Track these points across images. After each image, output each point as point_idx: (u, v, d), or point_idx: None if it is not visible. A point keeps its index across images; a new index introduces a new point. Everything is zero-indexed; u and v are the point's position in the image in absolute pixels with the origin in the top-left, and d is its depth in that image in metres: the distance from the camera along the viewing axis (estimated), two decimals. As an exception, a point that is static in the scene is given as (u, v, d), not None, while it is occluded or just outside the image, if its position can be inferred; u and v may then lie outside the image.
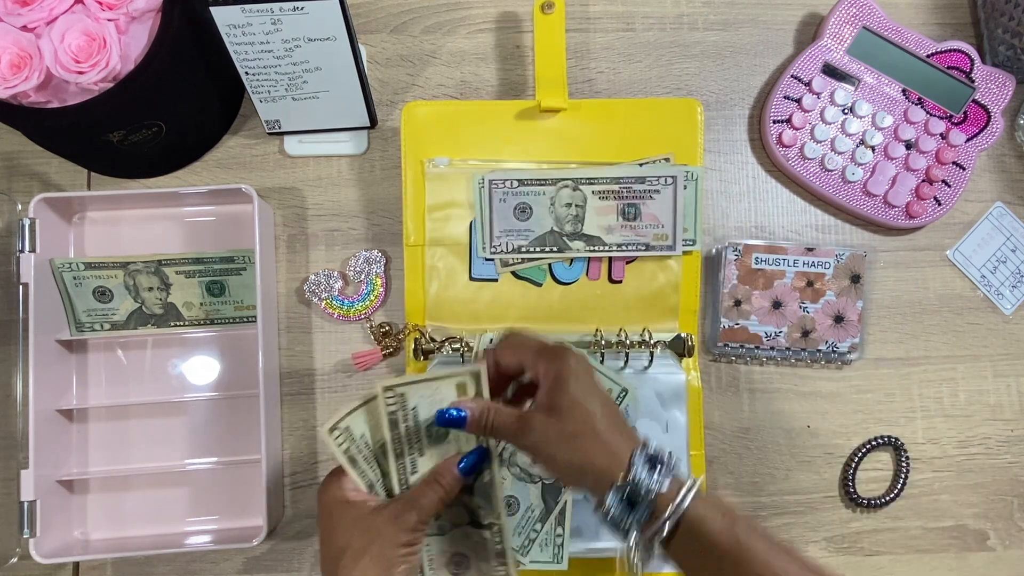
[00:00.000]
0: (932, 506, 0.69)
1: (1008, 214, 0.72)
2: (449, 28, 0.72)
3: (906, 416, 0.70)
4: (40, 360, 0.62)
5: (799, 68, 0.70)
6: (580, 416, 0.48)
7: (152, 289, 0.66)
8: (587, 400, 0.48)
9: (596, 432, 0.48)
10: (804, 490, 0.69)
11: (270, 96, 0.65)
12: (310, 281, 0.67)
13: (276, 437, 0.66)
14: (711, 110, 0.72)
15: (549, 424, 0.48)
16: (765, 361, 0.69)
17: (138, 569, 0.66)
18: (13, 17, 0.57)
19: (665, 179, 0.66)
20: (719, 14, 0.74)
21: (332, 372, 0.68)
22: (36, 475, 0.61)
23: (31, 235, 0.63)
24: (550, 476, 0.51)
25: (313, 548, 0.66)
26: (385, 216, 0.70)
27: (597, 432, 0.48)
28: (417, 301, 0.67)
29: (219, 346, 0.68)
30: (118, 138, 0.62)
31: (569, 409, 0.48)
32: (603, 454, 0.47)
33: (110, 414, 0.67)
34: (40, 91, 0.58)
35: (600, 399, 0.49)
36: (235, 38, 0.60)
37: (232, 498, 0.67)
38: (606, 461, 0.47)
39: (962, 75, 0.70)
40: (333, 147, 0.70)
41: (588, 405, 0.48)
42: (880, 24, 0.70)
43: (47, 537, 0.62)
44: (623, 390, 0.62)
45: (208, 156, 0.70)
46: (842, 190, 0.70)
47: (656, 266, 0.67)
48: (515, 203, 0.66)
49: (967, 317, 0.71)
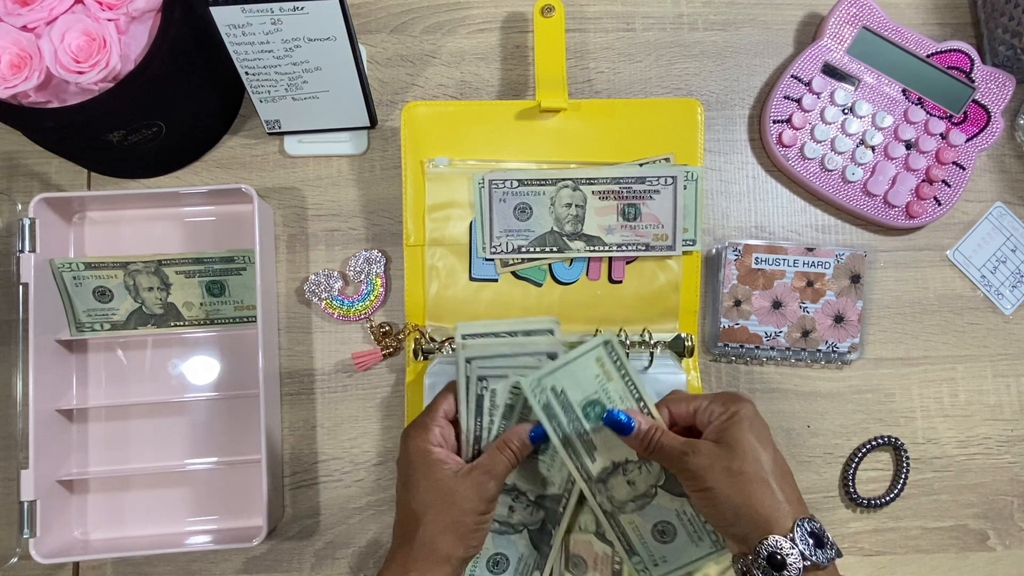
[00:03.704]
0: (932, 506, 0.69)
1: (1008, 214, 0.72)
2: (449, 28, 0.72)
3: (906, 416, 0.70)
4: (40, 360, 0.62)
5: (799, 68, 0.70)
6: (752, 457, 0.47)
7: (152, 289, 0.66)
8: (762, 445, 0.48)
9: (765, 479, 0.47)
10: (804, 490, 0.67)
11: (270, 96, 0.65)
12: (310, 281, 0.68)
13: (276, 437, 0.66)
14: (711, 110, 0.72)
15: (718, 455, 0.48)
16: (765, 361, 0.69)
17: (138, 569, 0.66)
18: (13, 17, 0.57)
19: (665, 179, 0.66)
20: (719, 14, 0.74)
21: (332, 372, 0.68)
22: (36, 475, 0.61)
23: (31, 235, 0.63)
24: (699, 509, 0.51)
25: (313, 548, 0.67)
26: (385, 216, 0.70)
27: (766, 479, 0.47)
28: (417, 301, 0.67)
29: (219, 346, 0.68)
30: (118, 138, 0.62)
31: (742, 448, 0.48)
32: (768, 503, 0.46)
33: (110, 414, 0.67)
34: (40, 91, 0.58)
35: (773, 450, 0.49)
36: (235, 38, 0.60)
37: (232, 498, 0.67)
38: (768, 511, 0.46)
39: (962, 75, 0.70)
40: (333, 147, 0.70)
41: (762, 450, 0.48)
42: (880, 24, 0.70)
43: (47, 537, 0.62)
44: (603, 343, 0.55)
45: (208, 156, 0.70)
46: (842, 190, 0.70)
47: (656, 266, 0.67)
48: (515, 203, 0.66)
49: (967, 317, 0.71)
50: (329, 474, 0.67)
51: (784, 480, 0.48)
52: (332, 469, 0.67)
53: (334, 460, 0.68)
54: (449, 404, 0.56)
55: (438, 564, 0.50)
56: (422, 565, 0.50)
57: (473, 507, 0.51)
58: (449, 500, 0.51)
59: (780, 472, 0.48)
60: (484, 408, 0.55)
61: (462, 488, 0.51)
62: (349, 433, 0.68)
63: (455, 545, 0.51)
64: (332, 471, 0.67)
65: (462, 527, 0.51)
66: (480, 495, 0.51)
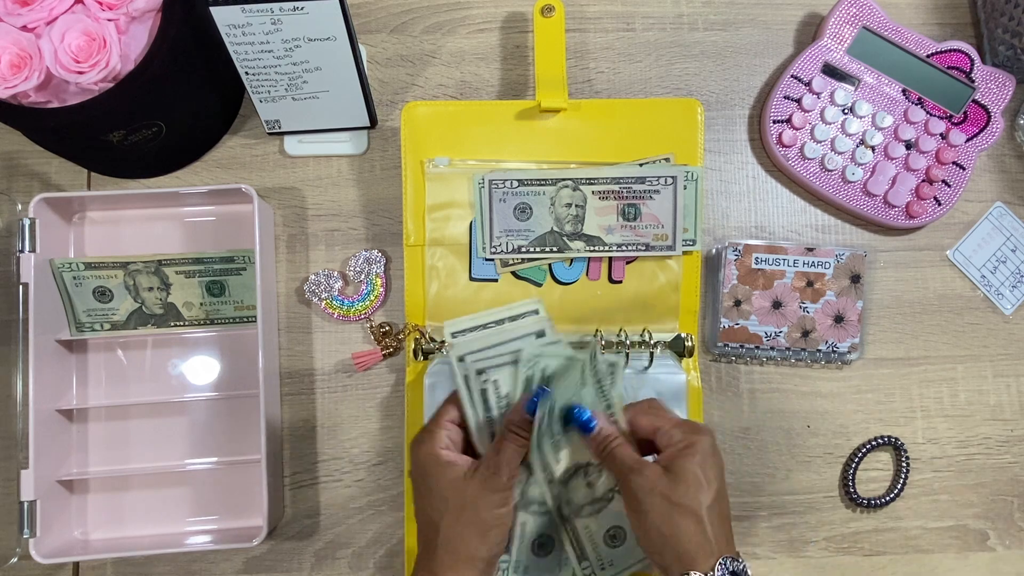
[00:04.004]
0: (932, 506, 0.69)
1: (1008, 214, 0.72)
2: (449, 28, 0.72)
3: (906, 416, 0.70)
4: (40, 360, 0.62)
5: (799, 68, 0.70)
6: (693, 492, 0.47)
7: (152, 289, 0.66)
8: (707, 481, 0.48)
9: (699, 515, 0.47)
10: (804, 490, 0.69)
11: (270, 96, 0.65)
12: (310, 281, 0.68)
13: (276, 437, 0.66)
14: (711, 110, 0.72)
15: (661, 481, 0.48)
16: (765, 361, 0.69)
17: (138, 569, 0.66)
18: (13, 17, 0.57)
19: (665, 179, 0.66)
20: (719, 14, 0.74)
21: (332, 372, 0.68)
22: (36, 475, 0.61)
23: (31, 235, 0.63)
24: (632, 528, 0.51)
25: (313, 548, 0.67)
26: (385, 216, 0.70)
27: (700, 516, 0.47)
28: (417, 301, 0.67)
29: (219, 346, 0.68)
30: (118, 138, 0.62)
31: (687, 480, 0.48)
32: (695, 539, 0.46)
33: (110, 414, 0.67)
34: (40, 91, 0.58)
35: (718, 488, 0.49)
36: (235, 38, 0.60)
37: (232, 498, 0.67)
38: (694, 547, 0.46)
39: (962, 75, 0.70)
40: (333, 147, 0.70)
41: (706, 486, 0.48)
42: (880, 24, 0.70)
43: (47, 537, 0.62)
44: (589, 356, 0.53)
45: (208, 156, 0.70)
46: (842, 190, 0.70)
47: (656, 266, 0.67)
48: (515, 203, 0.66)
49: (967, 317, 0.71)
50: (329, 474, 0.67)
51: (719, 519, 0.48)
52: (332, 469, 0.67)
53: (334, 460, 0.68)
54: (454, 410, 0.55)
55: (463, 566, 0.49)
56: (447, 570, 0.49)
57: (487, 502, 0.50)
58: (462, 499, 0.50)
59: (717, 511, 0.48)
60: (491, 401, 0.55)
61: (473, 485, 0.50)
62: (349, 433, 0.68)
63: (477, 544, 0.50)
64: (332, 471, 0.67)
65: (481, 525, 0.50)
66: (493, 487, 0.50)
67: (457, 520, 0.50)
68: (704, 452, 0.49)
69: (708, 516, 0.47)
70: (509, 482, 0.50)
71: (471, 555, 0.49)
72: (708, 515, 0.47)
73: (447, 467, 0.51)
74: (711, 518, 0.47)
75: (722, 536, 0.48)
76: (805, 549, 0.68)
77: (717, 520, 0.48)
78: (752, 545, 0.68)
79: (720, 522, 0.48)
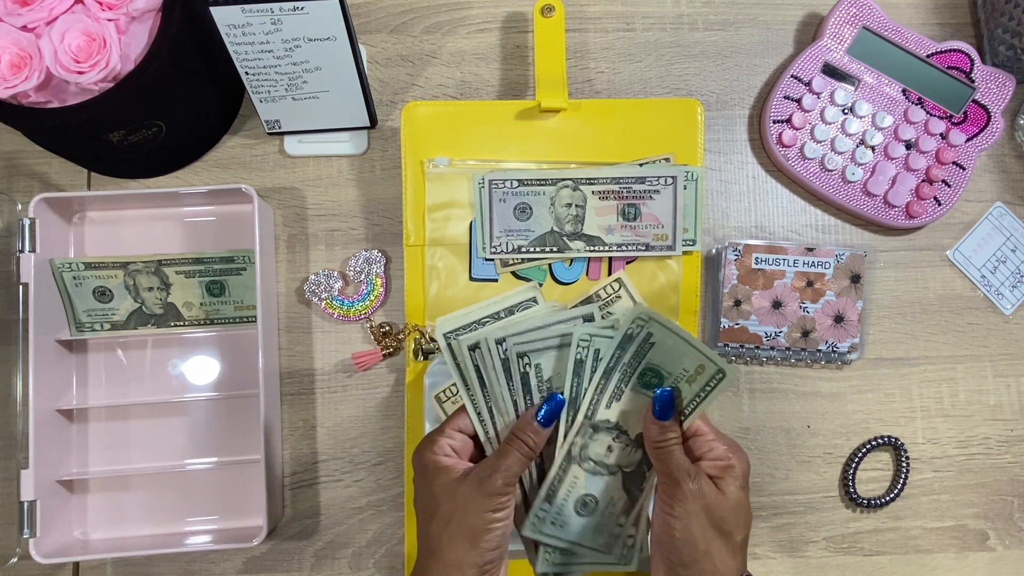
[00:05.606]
0: (932, 506, 0.69)
1: (1008, 214, 0.72)
2: (449, 28, 0.72)
3: (906, 416, 0.70)
4: (40, 360, 0.62)
5: (799, 68, 0.70)
6: (735, 518, 0.48)
7: (152, 289, 0.66)
8: (747, 509, 0.49)
9: (736, 542, 0.48)
10: (804, 490, 0.69)
11: (270, 96, 0.65)
12: (310, 281, 0.68)
13: (276, 437, 0.66)
14: (711, 110, 0.72)
15: (713, 497, 0.48)
16: (765, 361, 0.69)
17: (138, 569, 0.66)
18: (13, 17, 0.57)
19: (665, 179, 0.66)
20: (719, 14, 0.74)
21: (332, 372, 0.68)
22: (36, 475, 0.61)
23: (31, 235, 0.63)
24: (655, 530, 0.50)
25: (313, 548, 0.67)
26: (385, 216, 0.70)
27: (736, 543, 0.48)
28: (417, 301, 0.67)
29: (219, 346, 0.68)
30: (118, 138, 0.62)
31: (732, 502, 0.48)
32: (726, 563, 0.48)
33: (110, 414, 0.67)
34: (40, 91, 0.58)
35: (749, 516, 0.50)
36: (235, 38, 0.60)
37: (232, 498, 0.67)
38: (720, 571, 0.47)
39: (962, 75, 0.70)
40: (333, 147, 0.70)
41: (746, 514, 0.49)
42: (880, 24, 0.70)
43: (47, 537, 0.62)
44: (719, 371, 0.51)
45: (208, 156, 0.70)
46: (842, 190, 0.70)
47: (656, 266, 0.67)
48: (515, 203, 0.66)
49: (967, 317, 0.71)
50: (329, 474, 0.67)
51: (743, 543, 0.49)
52: (332, 469, 0.67)
53: (334, 460, 0.68)
54: (463, 420, 0.53)
55: (452, 572, 0.48)
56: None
57: (478, 506, 0.48)
58: (453, 503, 0.49)
59: (744, 537, 0.49)
60: (531, 384, 0.53)
61: (465, 488, 0.49)
62: (349, 433, 0.68)
63: (467, 550, 0.48)
64: (332, 471, 0.67)
65: (471, 530, 0.48)
66: (486, 491, 0.48)
67: (447, 525, 0.49)
68: (746, 477, 0.50)
69: (742, 546, 0.49)
70: (505, 488, 0.49)
71: (459, 560, 0.48)
72: (742, 545, 0.49)
73: (442, 471, 0.50)
74: (743, 547, 0.49)
75: (743, 554, 0.49)
76: (805, 549, 0.68)
77: (743, 543, 0.49)
78: (752, 545, 0.68)
79: (742, 550, 0.49)
